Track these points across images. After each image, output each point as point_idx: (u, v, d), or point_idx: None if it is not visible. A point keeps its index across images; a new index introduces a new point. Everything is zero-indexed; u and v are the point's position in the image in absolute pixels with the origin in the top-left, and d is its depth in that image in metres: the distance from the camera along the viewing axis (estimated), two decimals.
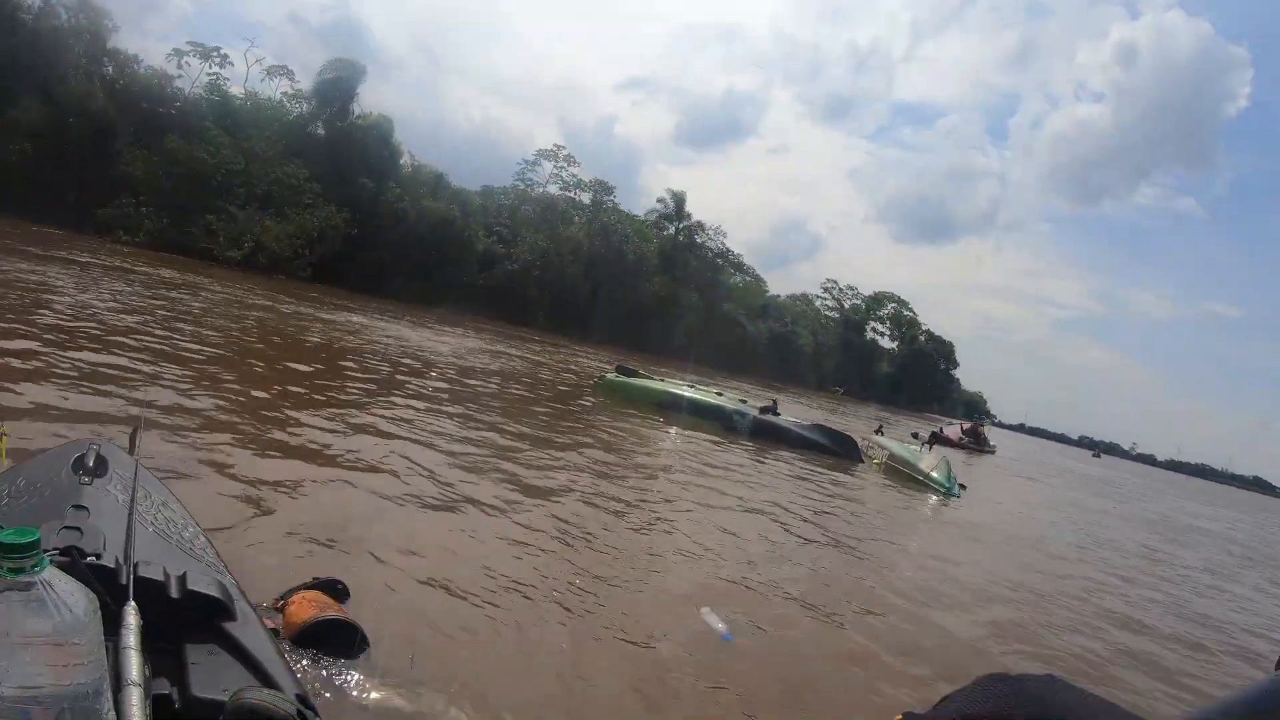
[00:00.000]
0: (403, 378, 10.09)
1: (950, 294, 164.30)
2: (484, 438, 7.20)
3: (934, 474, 11.27)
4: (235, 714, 0.98)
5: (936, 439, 19.71)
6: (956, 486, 11.06)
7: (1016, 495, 15.64)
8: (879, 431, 16.29)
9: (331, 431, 5.94)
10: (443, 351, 15.15)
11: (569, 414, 10.73)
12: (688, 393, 12.87)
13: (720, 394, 13.41)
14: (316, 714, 1.09)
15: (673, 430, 11.07)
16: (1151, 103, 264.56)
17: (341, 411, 6.83)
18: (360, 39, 59.42)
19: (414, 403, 8.14)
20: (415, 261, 31.52)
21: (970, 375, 78.52)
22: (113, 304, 10.62)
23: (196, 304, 13.28)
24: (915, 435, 17.19)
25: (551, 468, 6.54)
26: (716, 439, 10.88)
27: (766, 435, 11.80)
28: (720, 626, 3.72)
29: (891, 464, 12.12)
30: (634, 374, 13.78)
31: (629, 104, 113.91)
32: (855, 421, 23.80)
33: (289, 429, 5.78)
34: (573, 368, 19.75)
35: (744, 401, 12.94)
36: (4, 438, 2.29)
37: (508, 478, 5.74)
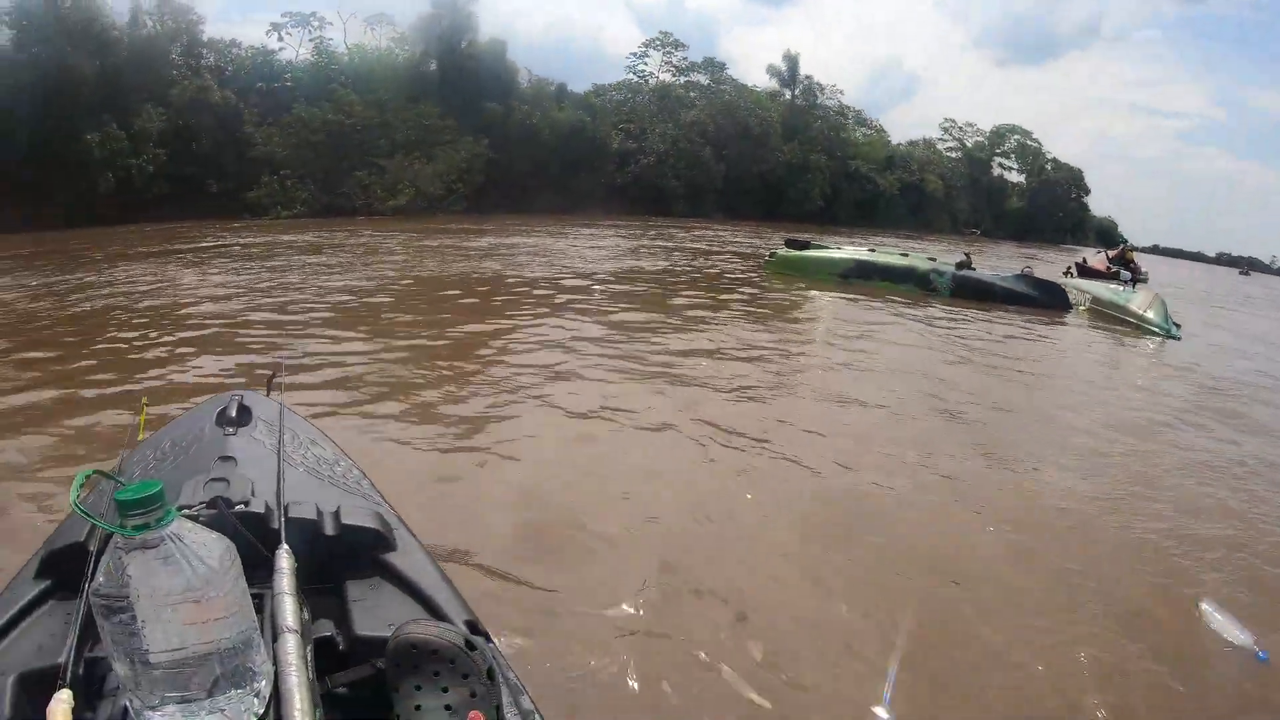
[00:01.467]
0: (568, 295, 9.32)
1: (1062, 116, 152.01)
2: (674, 342, 6.76)
3: (1149, 314, 10.20)
4: (396, 652, 0.91)
5: (1082, 271, 17.97)
6: (1174, 326, 9.99)
7: (1230, 327, 13.83)
8: (1069, 273, 14.94)
9: (494, 362, 5.75)
10: (596, 257, 14.57)
11: (756, 298, 9.90)
12: (875, 257, 12.06)
13: (905, 255, 12.42)
14: (489, 638, 1.04)
15: (871, 299, 10.26)
16: None
17: (505, 339, 6.63)
18: None
19: (581, 320, 7.69)
20: (553, 174, 31.13)
21: (1096, 200, 73.02)
22: (271, 268, 11.06)
23: (356, 255, 13.46)
24: (1067, 273, 15.57)
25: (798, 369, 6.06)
26: (911, 300, 10.16)
27: (968, 292, 10.98)
28: (1242, 637, 2.45)
29: (1097, 308, 11.03)
30: (805, 245, 12.87)
31: None
32: (1002, 261, 22.15)
33: (444, 361, 5.67)
34: (729, 248, 18.99)
35: (934, 260, 11.93)
36: (144, 407, 2.23)
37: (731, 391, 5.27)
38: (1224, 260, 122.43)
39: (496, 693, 0.92)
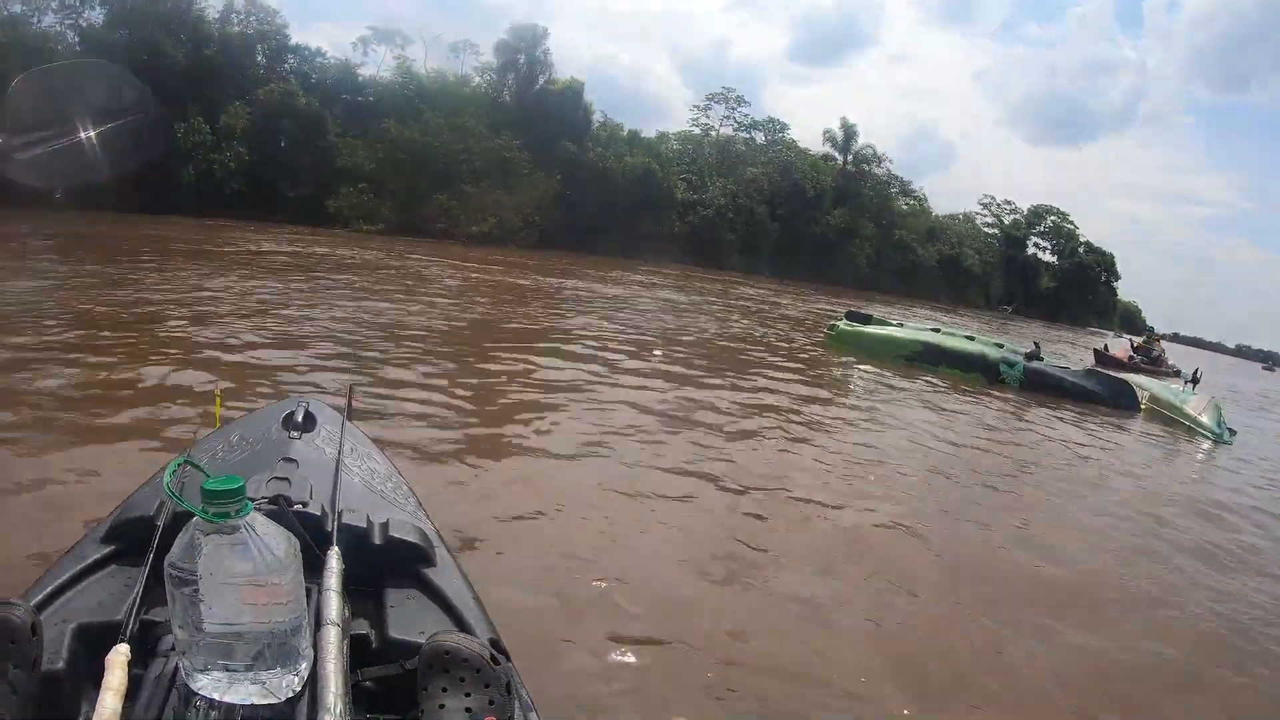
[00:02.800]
0: (628, 351, 8.87)
1: (1090, 197, 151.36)
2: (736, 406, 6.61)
3: (1203, 418, 9.97)
4: (430, 654, 0.99)
5: (1101, 360, 17.13)
6: (1226, 431, 9.79)
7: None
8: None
9: (546, 406, 5.78)
10: (655, 309, 14.20)
11: (824, 380, 9.52)
12: (942, 339, 11.32)
13: (972, 337, 11.71)
14: (508, 658, 1.09)
15: (933, 382, 9.87)
16: None
17: (557, 379, 6.62)
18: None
19: (642, 367, 7.66)
20: (618, 216, 31.81)
21: (1121, 284, 74.04)
22: (352, 285, 11.47)
23: (432, 281, 13.50)
24: (1035, 345, 14.18)
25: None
26: (973, 392, 9.71)
27: (1038, 386, 10.44)
28: None
29: (1153, 406, 10.65)
30: (867, 320, 12.31)
31: (738, 24, 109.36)
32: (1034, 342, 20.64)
33: (500, 394, 5.87)
34: (784, 312, 18.64)
35: (1001, 346, 11.40)
36: (219, 398, 2.38)
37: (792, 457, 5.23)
38: (1245, 353, 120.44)
39: (511, 705, 1.00)
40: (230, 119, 31.27)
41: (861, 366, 10.43)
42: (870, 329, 11.79)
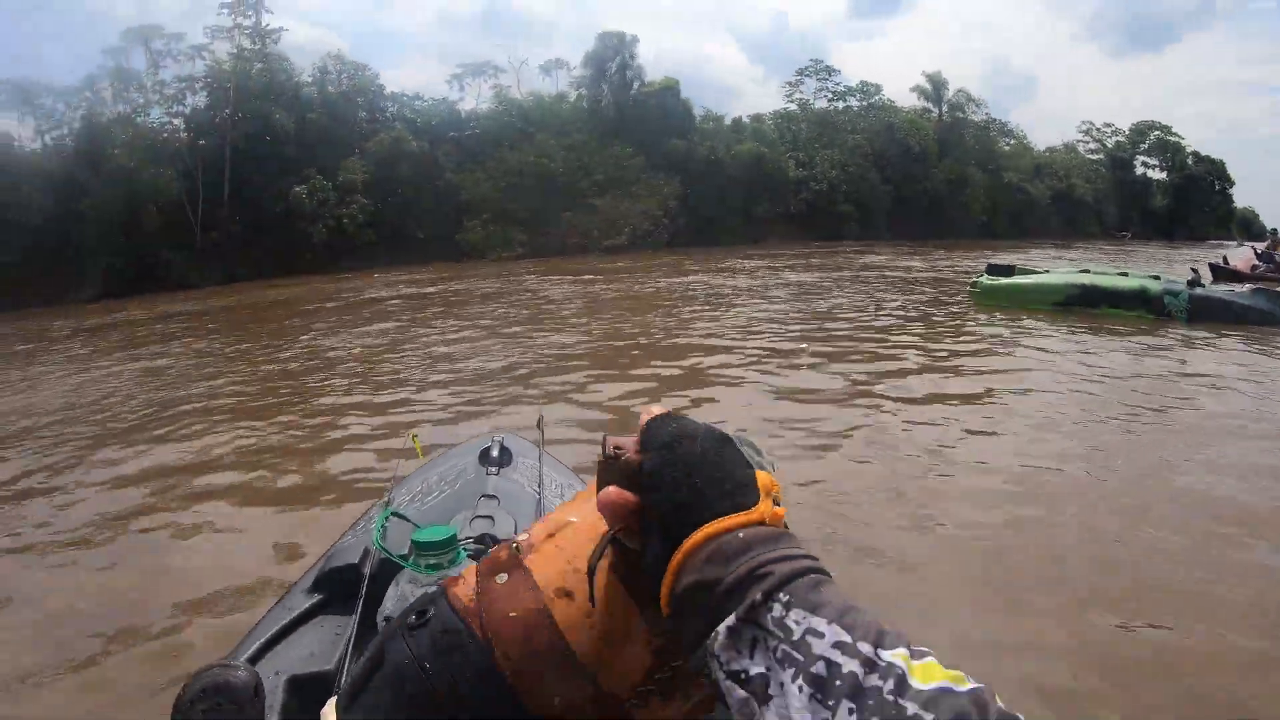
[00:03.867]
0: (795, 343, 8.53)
1: (1187, 103, 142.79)
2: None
3: None
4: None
5: (1220, 274, 15.11)
6: None
7: None
8: (1194, 280, 11.10)
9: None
10: (800, 292, 13.57)
11: (968, 334, 9.00)
12: (1097, 279, 10.63)
13: (1125, 273, 10.96)
14: None
15: (1098, 325, 9.13)
16: None
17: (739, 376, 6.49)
18: (510, 12, 60.31)
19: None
20: (736, 205, 31.70)
21: (1235, 189, 69.37)
22: (503, 311, 11.94)
23: (574, 301, 13.40)
24: (1194, 271, 12.45)
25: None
26: (1143, 328, 9.02)
27: (1205, 314, 9.70)
28: None
29: None
30: (1010, 271, 11.58)
31: None
32: (1160, 265, 18.23)
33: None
34: (921, 275, 17.37)
35: (1158, 278, 10.53)
36: (415, 440, 2.35)
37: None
38: None
39: None
40: (348, 173, 32.54)
41: (1019, 319, 9.86)
42: (1017, 279, 11.17)
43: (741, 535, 0.44)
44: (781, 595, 0.41)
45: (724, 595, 0.42)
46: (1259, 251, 18.45)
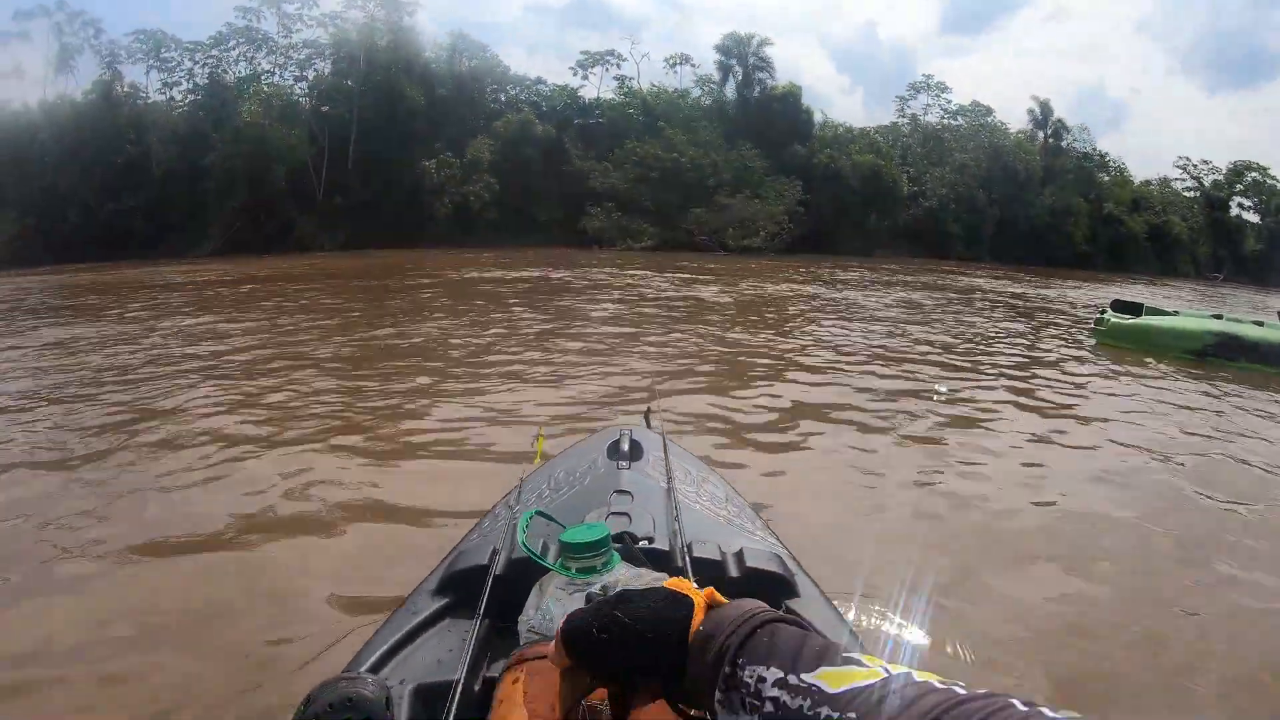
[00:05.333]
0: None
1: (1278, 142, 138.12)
2: None
3: None
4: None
5: None
6: None
7: None
8: None
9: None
10: (908, 315, 12.76)
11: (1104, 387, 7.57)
12: (1239, 329, 9.53)
13: (1261, 323, 9.87)
14: None
15: (1243, 382, 7.91)
16: None
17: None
18: (603, 8, 61.05)
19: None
20: (853, 215, 32.34)
21: None
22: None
23: (706, 301, 13.28)
24: None
25: None
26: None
27: None
28: None
29: None
30: (1137, 309, 10.56)
31: (884, 4, 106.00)
32: (1263, 312, 14.96)
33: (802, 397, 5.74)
34: (1034, 304, 16.71)
35: None
36: (540, 436, 2.32)
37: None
38: None
39: None
40: (475, 151, 33.62)
41: (1153, 364, 8.76)
42: (1148, 320, 10.15)
43: (702, 629, 0.56)
44: (739, 659, 0.52)
45: (713, 677, 0.53)
46: None
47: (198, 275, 17.85)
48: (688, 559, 1.17)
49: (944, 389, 5.99)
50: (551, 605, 0.90)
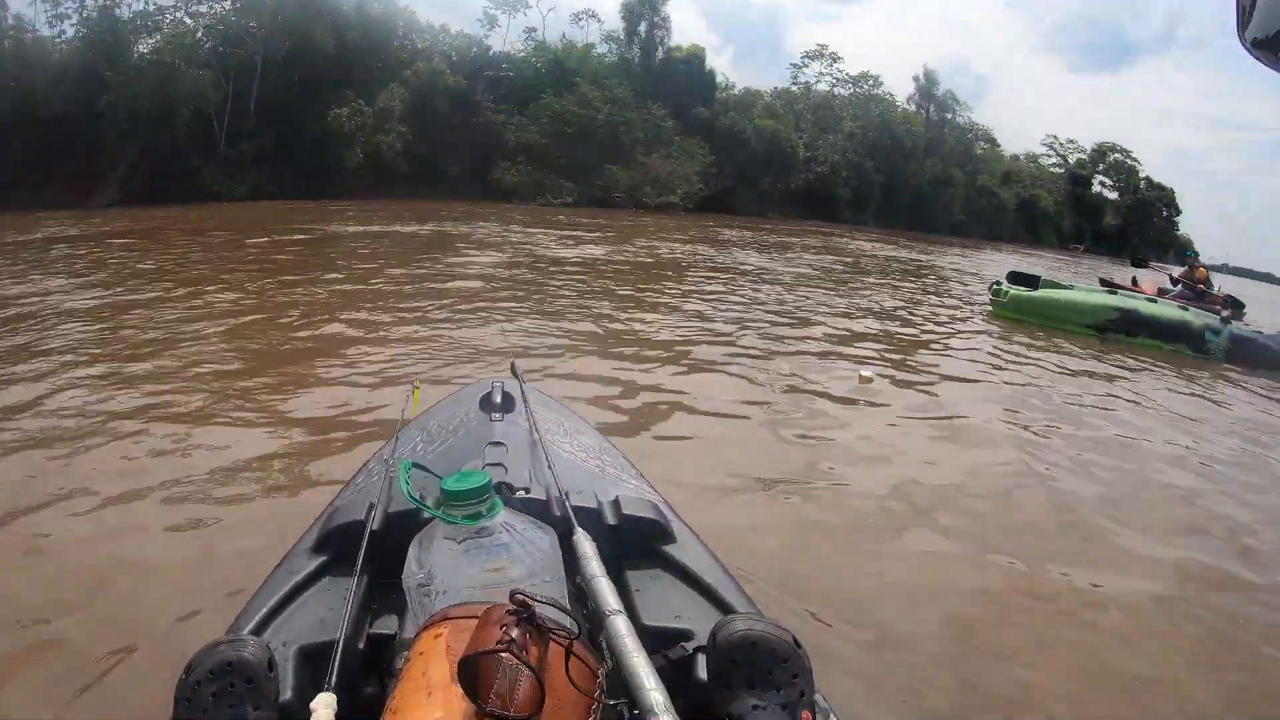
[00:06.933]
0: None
1: (1135, 126, 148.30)
2: None
3: None
4: (731, 647, 0.86)
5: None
6: None
7: None
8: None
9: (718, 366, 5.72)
10: (808, 278, 12.94)
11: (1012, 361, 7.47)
12: (1139, 304, 9.47)
13: (1154, 300, 9.74)
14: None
15: (1138, 358, 8.21)
16: None
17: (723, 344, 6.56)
18: None
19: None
20: (750, 178, 34.39)
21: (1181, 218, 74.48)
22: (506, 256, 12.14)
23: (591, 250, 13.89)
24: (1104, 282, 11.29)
25: None
26: (1188, 368, 8.02)
27: (1244, 357, 8.70)
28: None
29: None
30: (1034, 281, 10.30)
31: None
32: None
33: (667, 349, 6.04)
34: (928, 272, 17.24)
35: (1186, 308, 9.47)
36: (416, 390, 2.32)
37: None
38: None
39: (812, 692, 0.86)
40: (388, 100, 33.38)
41: (1054, 340, 8.75)
42: (1047, 293, 10.01)
43: None
44: None
45: None
46: (1173, 277, 18.78)
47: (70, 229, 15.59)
48: (567, 507, 1.17)
49: (869, 373, 5.80)
50: (436, 557, 0.91)
